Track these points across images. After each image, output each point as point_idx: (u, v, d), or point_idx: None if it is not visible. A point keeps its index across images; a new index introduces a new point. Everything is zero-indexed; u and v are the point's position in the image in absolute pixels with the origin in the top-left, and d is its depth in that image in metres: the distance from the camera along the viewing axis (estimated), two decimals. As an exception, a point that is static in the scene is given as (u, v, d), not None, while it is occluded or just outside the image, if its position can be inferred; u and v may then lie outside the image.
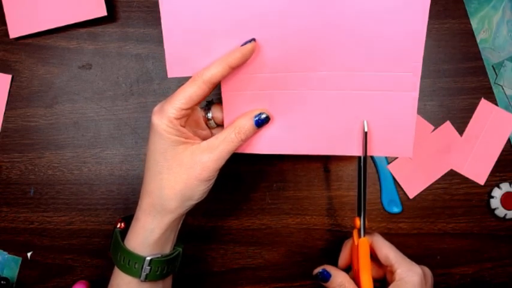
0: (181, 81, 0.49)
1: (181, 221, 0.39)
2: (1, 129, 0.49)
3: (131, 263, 0.36)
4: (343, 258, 0.42)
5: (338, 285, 0.39)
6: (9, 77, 0.49)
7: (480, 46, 0.49)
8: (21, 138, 0.49)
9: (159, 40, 0.49)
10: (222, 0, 0.34)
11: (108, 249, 0.40)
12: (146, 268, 0.36)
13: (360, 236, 0.39)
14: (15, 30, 0.48)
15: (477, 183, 0.50)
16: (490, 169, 0.49)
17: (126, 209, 0.49)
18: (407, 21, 0.34)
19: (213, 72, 0.34)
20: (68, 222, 0.49)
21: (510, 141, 0.50)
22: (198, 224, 0.49)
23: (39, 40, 0.49)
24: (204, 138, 0.37)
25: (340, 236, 0.50)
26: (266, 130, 0.38)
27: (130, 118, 0.49)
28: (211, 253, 0.50)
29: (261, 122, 0.37)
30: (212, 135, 0.40)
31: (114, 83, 0.49)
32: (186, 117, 0.36)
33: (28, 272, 0.49)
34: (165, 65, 0.48)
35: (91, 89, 0.49)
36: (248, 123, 0.37)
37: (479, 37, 0.49)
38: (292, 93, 0.37)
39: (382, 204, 0.50)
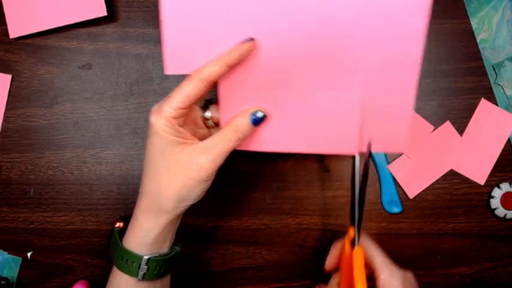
0: (182, 80, 0.49)
1: (179, 221, 0.39)
2: (1, 129, 0.49)
3: (129, 262, 0.36)
4: (331, 260, 0.41)
5: None
6: (9, 77, 0.49)
7: (480, 46, 0.49)
8: (21, 138, 0.49)
9: (159, 40, 0.49)
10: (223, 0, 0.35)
11: (108, 248, 0.40)
12: (143, 267, 0.36)
13: (353, 246, 0.38)
14: (15, 30, 0.48)
15: (477, 183, 0.50)
16: (490, 169, 0.49)
17: (126, 209, 0.49)
18: (406, 23, 0.34)
19: (210, 71, 0.34)
20: (68, 222, 0.49)
21: (510, 141, 0.50)
22: (198, 224, 0.49)
23: (39, 40, 0.49)
24: (202, 137, 0.37)
25: (339, 236, 0.49)
26: (264, 128, 0.38)
27: (131, 118, 0.49)
28: (211, 253, 0.50)
29: (258, 120, 0.37)
30: (210, 134, 0.39)
31: (114, 83, 0.49)
32: (184, 117, 0.35)
33: (28, 272, 0.49)
34: (165, 65, 0.49)
35: (91, 89, 0.49)
36: (245, 121, 0.36)
37: (479, 37, 0.49)
38: (289, 93, 0.37)
39: (382, 204, 0.50)
